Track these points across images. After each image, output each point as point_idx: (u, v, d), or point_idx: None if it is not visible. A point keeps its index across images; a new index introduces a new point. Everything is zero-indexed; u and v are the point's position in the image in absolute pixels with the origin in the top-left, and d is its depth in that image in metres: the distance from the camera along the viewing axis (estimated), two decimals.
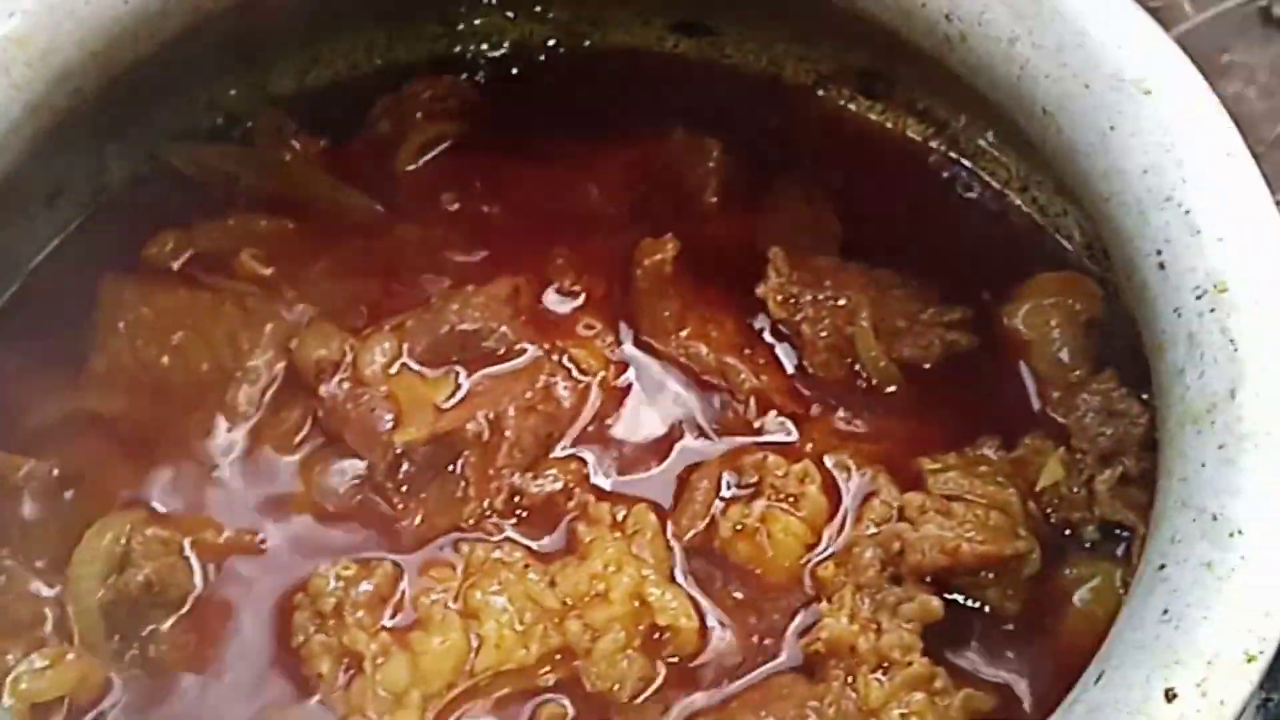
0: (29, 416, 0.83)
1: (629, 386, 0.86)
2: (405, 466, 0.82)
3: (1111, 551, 0.80)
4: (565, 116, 0.93)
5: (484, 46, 0.96)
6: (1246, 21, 1.09)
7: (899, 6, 0.79)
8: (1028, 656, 0.78)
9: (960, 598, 0.79)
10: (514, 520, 0.82)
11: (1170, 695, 0.60)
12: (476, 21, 0.95)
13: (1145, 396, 0.80)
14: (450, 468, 0.82)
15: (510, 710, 0.77)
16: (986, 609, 0.79)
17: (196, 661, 0.78)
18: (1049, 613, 0.79)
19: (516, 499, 0.82)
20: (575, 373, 0.85)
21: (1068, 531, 0.81)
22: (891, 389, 0.86)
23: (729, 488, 0.82)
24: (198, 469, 0.82)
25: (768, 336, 0.87)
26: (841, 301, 0.86)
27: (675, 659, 0.78)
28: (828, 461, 0.83)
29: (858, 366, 0.86)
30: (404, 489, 0.82)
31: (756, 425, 0.85)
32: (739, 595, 0.80)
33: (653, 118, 0.92)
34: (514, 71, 0.96)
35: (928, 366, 0.86)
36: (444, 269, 0.88)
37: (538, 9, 0.95)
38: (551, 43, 0.96)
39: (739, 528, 0.81)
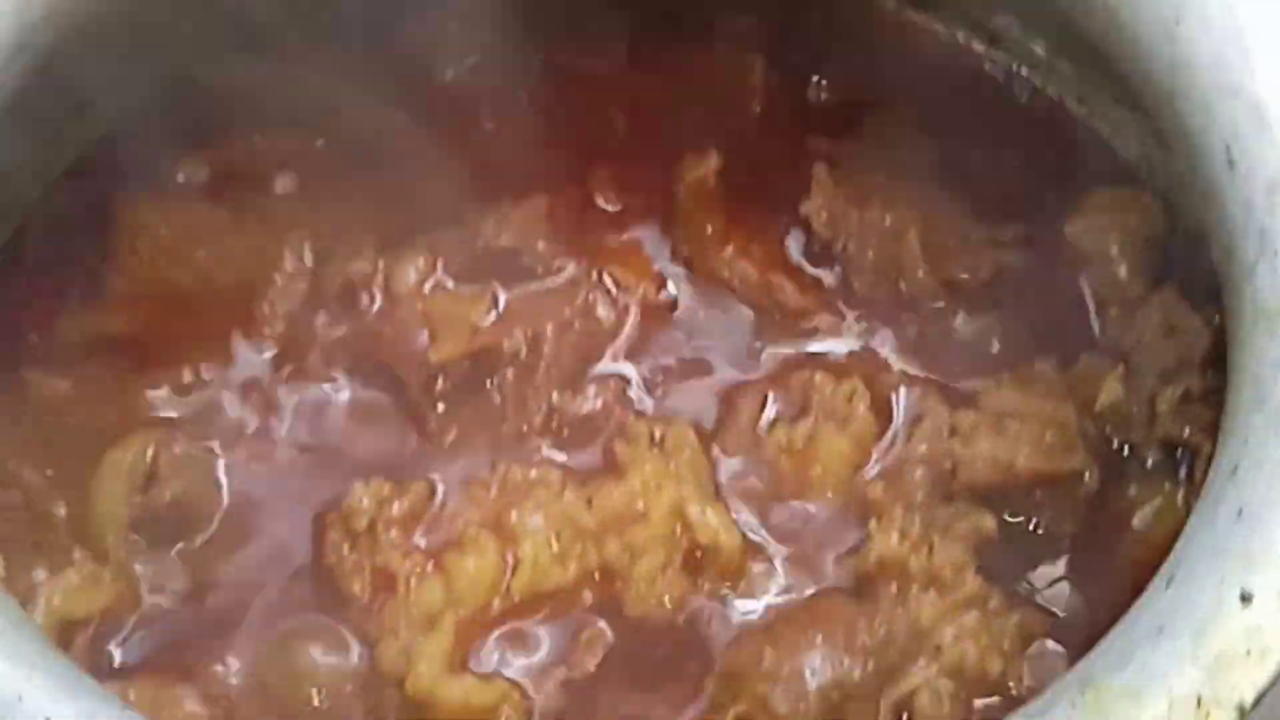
0: (53, 336, 0.81)
1: (670, 304, 0.83)
2: (441, 384, 0.79)
3: (1174, 473, 0.77)
4: (603, 29, 0.89)
5: None
6: None
7: None
8: (1085, 579, 0.75)
9: (1014, 519, 0.76)
10: (551, 440, 0.79)
11: (1246, 598, 0.56)
12: None
13: (1207, 314, 0.77)
14: (487, 386, 0.80)
15: (548, 632, 0.74)
16: (1041, 531, 0.76)
17: (224, 582, 0.75)
18: (1108, 535, 0.76)
19: (554, 418, 0.79)
20: (615, 291, 0.83)
21: (1128, 452, 0.78)
22: (941, 308, 0.83)
23: (774, 407, 0.80)
24: (224, 386, 0.80)
25: (813, 255, 0.84)
26: (889, 220, 0.83)
27: (718, 580, 0.75)
28: (876, 381, 0.80)
29: (905, 286, 0.83)
30: (439, 407, 0.79)
31: (803, 344, 0.82)
32: (784, 515, 0.77)
33: (693, 29, 0.89)
34: None
35: (979, 286, 0.83)
36: (478, 184, 0.85)
37: None
38: None
39: (785, 448, 0.78)
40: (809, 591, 0.75)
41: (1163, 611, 0.57)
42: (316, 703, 0.72)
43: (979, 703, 0.72)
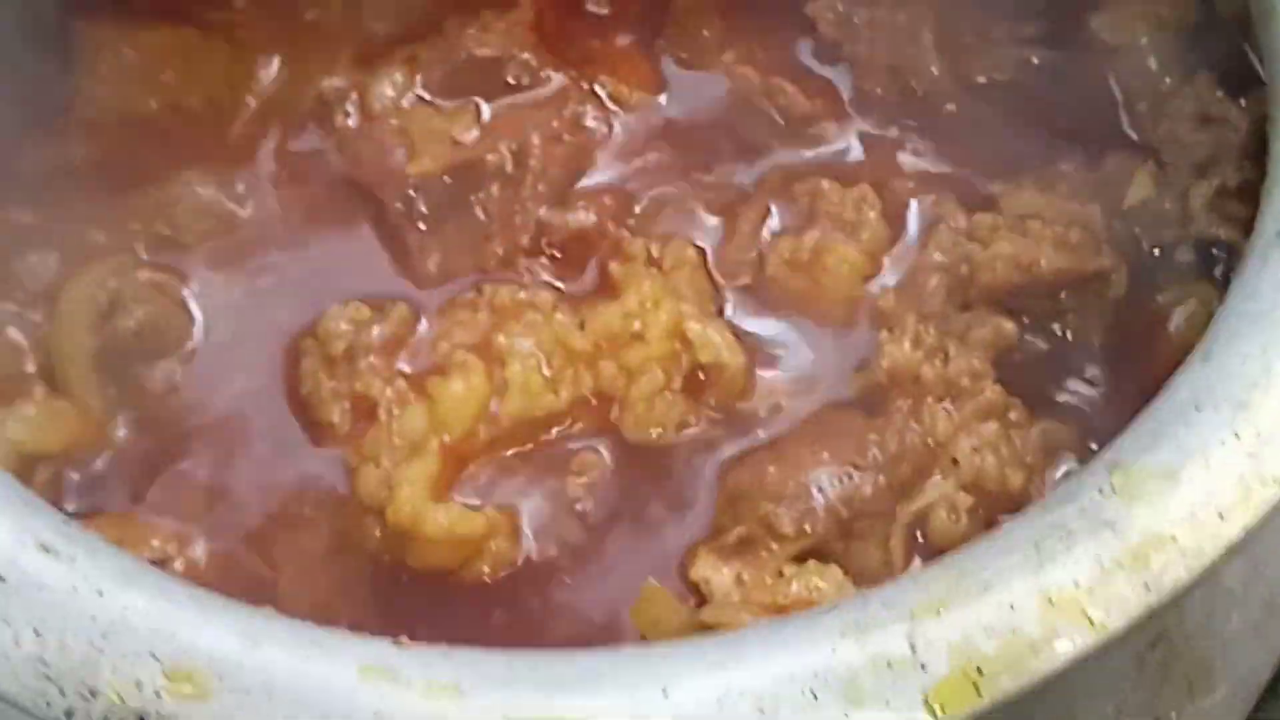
0: (15, 166, 0.76)
1: (666, 114, 0.78)
2: (422, 202, 0.74)
3: (1209, 273, 0.71)
4: None
5: None
6: None
7: None
8: (1114, 389, 0.70)
9: (1038, 324, 0.71)
10: (541, 259, 0.74)
11: None
12: None
13: (1244, 103, 0.71)
14: (471, 203, 0.75)
15: (541, 459, 0.70)
16: (1067, 337, 0.71)
17: (196, 412, 0.71)
18: (1138, 341, 0.71)
19: (544, 236, 0.74)
20: (606, 100, 0.78)
21: (1159, 253, 0.72)
22: (958, 110, 0.77)
23: (779, 218, 0.75)
24: (193, 210, 0.75)
25: (819, 57, 0.79)
26: (901, 18, 0.78)
27: (721, 400, 0.70)
28: (887, 186, 0.75)
29: (919, 87, 0.78)
30: (421, 226, 0.74)
31: (809, 152, 0.77)
32: (790, 330, 0.72)
33: None
34: None
35: (999, 86, 0.78)
36: None
37: None
38: None
39: (790, 260, 0.73)
40: (816, 407, 0.70)
41: (1199, 387, 0.52)
42: (290, 536, 0.68)
43: (1000, 519, 0.67)
